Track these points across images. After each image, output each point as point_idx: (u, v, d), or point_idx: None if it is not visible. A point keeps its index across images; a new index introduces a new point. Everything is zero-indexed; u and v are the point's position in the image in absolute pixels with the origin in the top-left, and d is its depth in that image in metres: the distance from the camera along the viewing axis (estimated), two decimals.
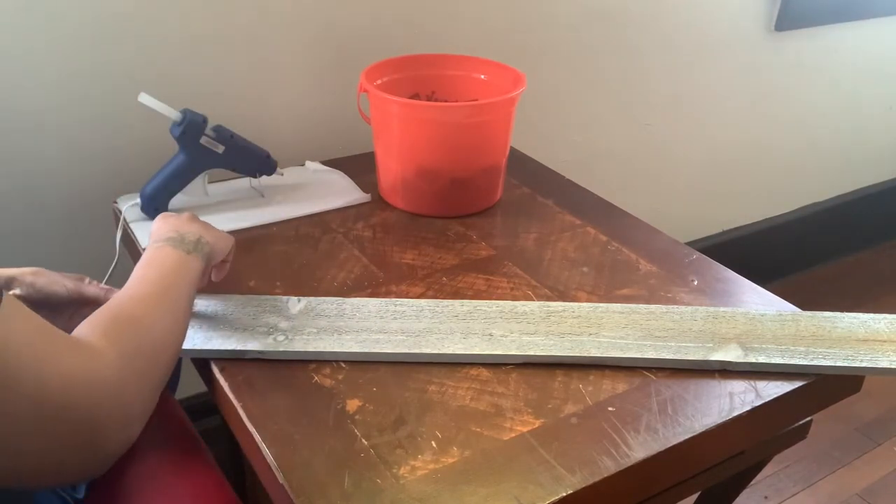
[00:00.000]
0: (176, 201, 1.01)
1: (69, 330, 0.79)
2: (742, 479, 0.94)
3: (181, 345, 0.68)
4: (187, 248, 0.74)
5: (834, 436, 1.58)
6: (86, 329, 0.60)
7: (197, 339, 0.77)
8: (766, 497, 1.44)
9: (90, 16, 1.00)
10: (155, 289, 0.68)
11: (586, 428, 0.69)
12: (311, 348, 0.77)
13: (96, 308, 0.78)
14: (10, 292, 0.75)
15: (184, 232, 0.76)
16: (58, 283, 0.77)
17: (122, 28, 1.02)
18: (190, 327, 0.79)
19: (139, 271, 0.71)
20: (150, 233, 0.78)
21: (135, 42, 1.04)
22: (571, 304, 0.84)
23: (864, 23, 1.80)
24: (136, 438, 0.59)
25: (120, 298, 0.66)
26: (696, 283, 0.91)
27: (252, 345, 0.77)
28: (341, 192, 1.09)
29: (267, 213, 1.03)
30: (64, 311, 0.79)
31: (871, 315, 0.82)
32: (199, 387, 0.82)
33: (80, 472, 0.56)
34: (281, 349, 0.76)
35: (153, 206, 1.00)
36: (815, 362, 0.76)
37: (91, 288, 0.80)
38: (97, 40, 1.02)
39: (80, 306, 0.80)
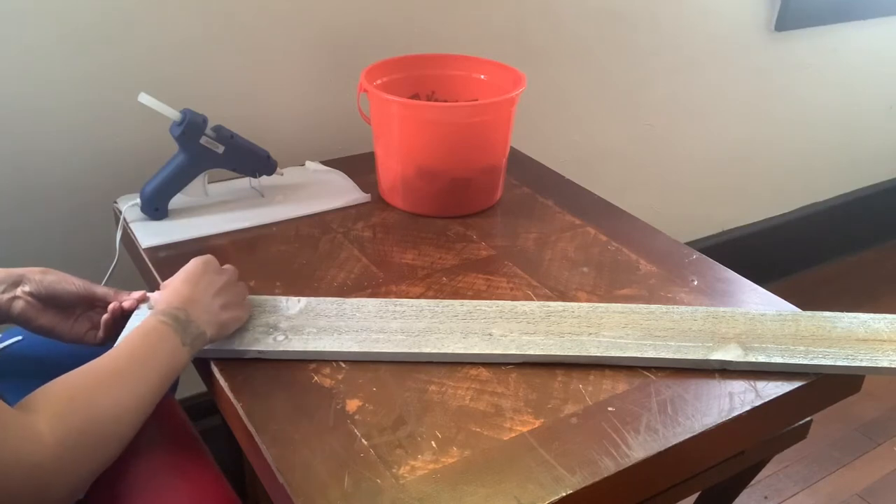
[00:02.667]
0: (176, 201, 1.01)
1: (75, 332, 0.79)
2: (742, 479, 0.94)
3: (139, 425, 0.65)
4: (184, 339, 0.70)
5: (834, 436, 1.58)
6: (41, 401, 0.59)
7: None
8: (766, 497, 1.44)
9: (91, 17, 1.00)
10: (132, 370, 0.66)
11: (586, 428, 0.69)
12: (310, 348, 0.77)
13: (105, 308, 0.78)
14: (19, 289, 0.75)
15: (194, 317, 0.72)
16: (67, 281, 0.77)
17: (122, 29, 1.02)
18: None
19: (129, 340, 0.68)
20: (179, 281, 0.75)
21: (135, 42, 1.04)
22: (571, 304, 0.84)
23: (864, 23, 1.80)
24: None
25: (91, 368, 0.64)
26: (696, 283, 0.91)
27: (252, 345, 0.77)
28: (341, 192, 1.09)
29: (267, 213, 1.03)
30: (73, 311, 0.79)
31: (871, 315, 0.82)
32: (199, 387, 0.82)
33: None
34: (281, 349, 0.76)
35: (153, 205, 1.00)
36: (815, 362, 0.76)
37: (100, 288, 0.79)
38: (98, 41, 1.02)
39: (88, 307, 0.80)
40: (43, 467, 0.56)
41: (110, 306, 0.78)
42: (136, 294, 0.80)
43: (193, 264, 0.77)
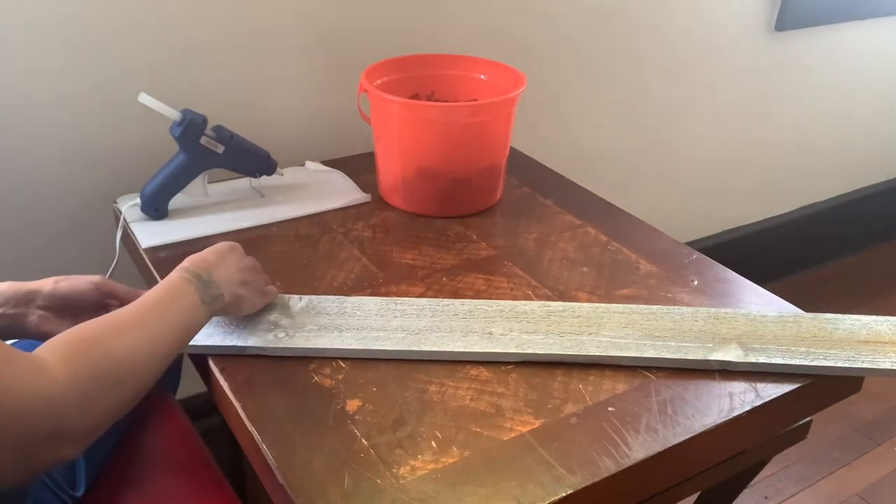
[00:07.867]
0: (176, 201, 1.01)
1: None
2: (742, 479, 0.94)
3: (153, 379, 0.65)
4: (203, 297, 0.71)
5: (834, 436, 1.58)
6: (52, 344, 0.59)
7: (198, 336, 0.77)
8: (766, 497, 1.44)
9: (92, 18, 1.00)
10: (149, 318, 0.66)
11: (586, 428, 0.69)
12: (311, 345, 0.77)
13: (121, 305, 0.76)
14: (31, 305, 0.74)
15: (216, 280, 0.73)
16: (82, 280, 0.76)
17: (122, 29, 1.02)
18: None
19: (152, 291, 0.69)
20: (206, 250, 0.76)
21: (135, 43, 1.04)
22: (571, 303, 0.84)
23: (864, 23, 1.80)
24: (71, 458, 0.58)
25: (109, 315, 0.65)
26: (696, 283, 0.91)
27: (252, 341, 0.77)
28: (341, 192, 1.09)
29: (267, 213, 1.03)
30: (91, 311, 0.77)
31: (874, 317, 0.82)
32: (199, 387, 0.82)
33: (2, 479, 0.55)
34: (281, 346, 0.77)
35: (153, 205, 1.00)
36: (815, 363, 0.76)
37: (117, 284, 0.78)
38: (99, 41, 1.02)
39: (104, 306, 0.78)
40: (57, 399, 0.55)
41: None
42: None
43: (221, 243, 0.79)
